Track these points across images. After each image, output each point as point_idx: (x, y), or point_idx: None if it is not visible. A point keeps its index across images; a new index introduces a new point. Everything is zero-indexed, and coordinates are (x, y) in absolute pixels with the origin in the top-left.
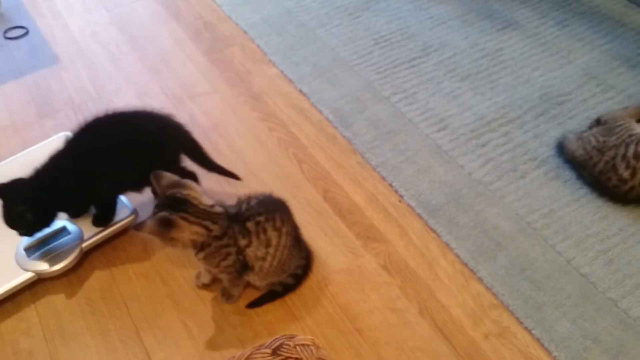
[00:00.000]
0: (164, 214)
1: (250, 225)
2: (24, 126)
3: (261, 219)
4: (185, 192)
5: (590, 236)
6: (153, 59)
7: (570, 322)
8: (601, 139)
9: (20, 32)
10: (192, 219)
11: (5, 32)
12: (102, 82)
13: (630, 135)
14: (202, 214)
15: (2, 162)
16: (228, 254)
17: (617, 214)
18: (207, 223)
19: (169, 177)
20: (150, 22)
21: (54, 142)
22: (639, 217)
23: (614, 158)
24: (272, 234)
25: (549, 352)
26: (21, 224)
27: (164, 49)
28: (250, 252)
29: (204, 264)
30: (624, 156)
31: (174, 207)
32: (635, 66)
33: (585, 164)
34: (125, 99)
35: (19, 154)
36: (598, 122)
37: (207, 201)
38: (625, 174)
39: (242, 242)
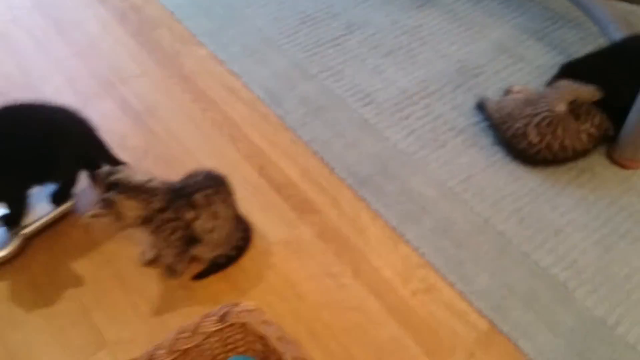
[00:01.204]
0: (102, 197)
1: (198, 197)
2: None
3: (210, 191)
4: (115, 176)
5: (504, 197)
6: (80, 43)
7: (488, 275)
8: (521, 108)
9: None
10: (127, 194)
11: None
12: (28, 69)
13: (548, 110)
14: (137, 189)
15: None
16: (175, 228)
17: (528, 177)
18: (144, 196)
19: (102, 172)
20: (74, 6)
21: None
22: (546, 178)
23: (527, 125)
24: (220, 206)
25: (470, 303)
26: None
27: (90, 33)
28: (197, 226)
29: (152, 240)
30: (538, 123)
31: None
32: (542, 38)
33: (499, 127)
34: (54, 85)
35: None
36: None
37: (142, 177)
38: (535, 139)
39: (189, 215)
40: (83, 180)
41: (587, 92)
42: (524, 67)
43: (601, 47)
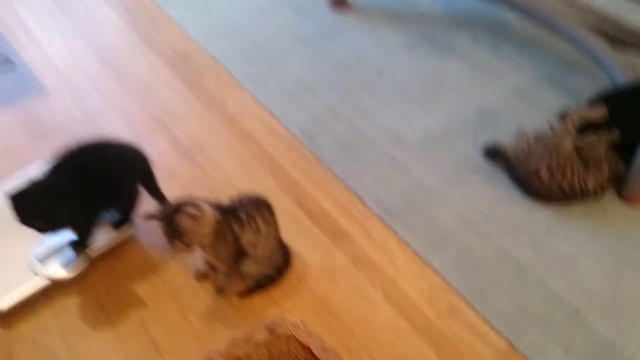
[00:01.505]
0: (188, 202)
1: (242, 215)
2: (19, 149)
3: (251, 211)
4: (184, 199)
5: (521, 229)
6: (134, 86)
7: (507, 299)
8: (532, 147)
9: (5, 64)
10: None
11: None
12: (89, 108)
13: (556, 149)
14: (209, 203)
15: (2, 182)
16: (228, 242)
17: (543, 211)
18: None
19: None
20: (128, 52)
21: None
22: (560, 213)
23: (539, 165)
24: (262, 224)
25: (490, 324)
26: (53, 218)
27: (144, 78)
28: (245, 238)
29: (205, 256)
30: (549, 164)
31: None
32: (555, 85)
33: (515, 166)
34: (113, 124)
35: (15, 174)
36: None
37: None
38: (546, 178)
39: (237, 229)
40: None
41: (593, 112)
42: (539, 111)
43: (615, 89)
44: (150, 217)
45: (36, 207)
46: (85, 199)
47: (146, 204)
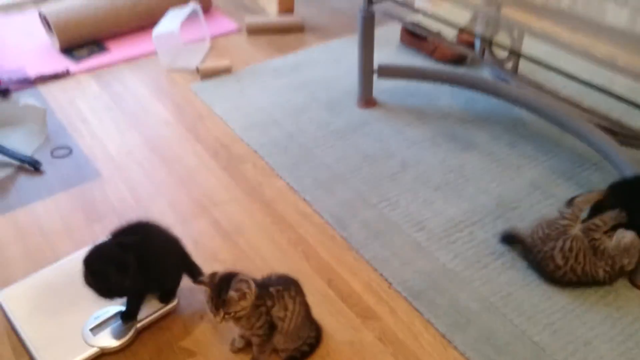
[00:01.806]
0: (237, 276)
1: (272, 290)
2: (75, 230)
3: (280, 287)
4: (232, 271)
5: (539, 312)
6: (180, 173)
7: None
8: (546, 231)
9: (65, 151)
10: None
11: (52, 151)
12: (139, 193)
13: (565, 232)
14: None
15: (60, 262)
16: (261, 314)
17: (559, 295)
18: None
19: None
20: (176, 143)
21: None
22: (576, 297)
23: (553, 249)
24: (289, 300)
25: None
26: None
27: (188, 165)
28: (274, 312)
29: (241, 327)
30: (561, 248)
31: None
32: (570, 178)
33: (531, 250)
34: (159, 207)
35: (73, 254)
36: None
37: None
38: (561, 262)
39: (269, 303)
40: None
41: (595, 194)
42: (555, 203)
43: (623, 179)
44: (202, 283)
45: (108, 272)
46: (145, 275)
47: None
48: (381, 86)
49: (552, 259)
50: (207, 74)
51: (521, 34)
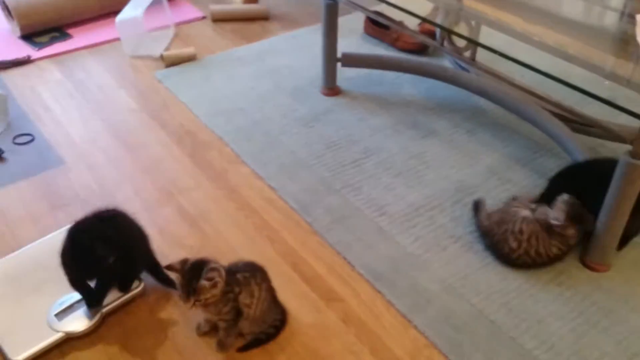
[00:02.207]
0: (209, 264)
1: (239, 276)
2: (38, 217)
3: (246, 274)
4: (191, 262)
5: (495, 292)
6: (145, 160)
7: (482, 355)
8: (501, 215)
9: (27, 138)
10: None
11: (14, 138)
12: (103, 180)
13: (514, 215)
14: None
15: (23, 249)
16: (228, 300)
17: (514, 276)
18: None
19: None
20: (140, 130)
21: None
22: (530, 277)
23: (505, 232)
24: (255, 287)
25: None
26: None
27: (153, 152)
28: (241, 299)
29: (209, 313)
30: (512, 231)
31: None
32: (526, 165)
33: (488, 233)
34: (124, 194)
35: (36, 241)
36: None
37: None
38: (514, 245)
39: (236, 290)
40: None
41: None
42: (511, 188)
43: (572, 165)
44: (173, 269)
45: (94, 246)
46: (108, 266)
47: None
48: (345, 75)
49: (505, 242)
50: (171, 62)
51: (479, 24)
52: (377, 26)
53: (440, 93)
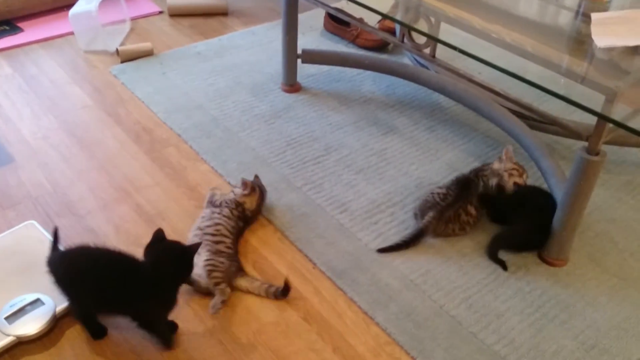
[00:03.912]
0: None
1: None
2: None
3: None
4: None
5: (455, 288)
6: (100, 158)
7: (443, 351)
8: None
9: None
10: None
11: None
12: (56, 179)
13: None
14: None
15: None
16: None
17: (474, 271)
18: None
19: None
20: (95, 127)
21: (21, 229)
22: (490, 273)
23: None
24: None
25: None
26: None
27: (109, 150)
28: None
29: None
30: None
31: None
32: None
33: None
34: (78, 192)
35: None
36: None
37: None
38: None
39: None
40: None
41: None
42: None
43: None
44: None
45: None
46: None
47: None
48: (305, 71)
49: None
50: (127, 57)
51: (438, 21)
52: (337, 23)
53: (400, 90)
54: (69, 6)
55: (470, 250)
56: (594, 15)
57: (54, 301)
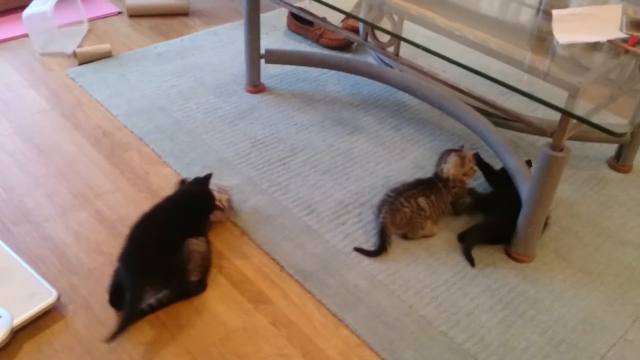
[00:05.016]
0: None
1: None
2: None
3: None
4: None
5: (424, 287)
6: (58, 164)
7: (413, 351)
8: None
9: None
10: None
11: None
12: (11, 185)
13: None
14: None
15: None
16: None
17: (443, 270)
18: None
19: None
20: (52, 132)
21: None
22: (458, 271)
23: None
24: None
25: None
26: None
27: (67, 155)
28: None
29: None
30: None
31: None
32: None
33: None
34: (35, 200)
35: None
36: None
37: None
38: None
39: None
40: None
41: None
42: None
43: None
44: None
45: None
46: None
47: None
48: (269, 72)
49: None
50: (85, 59)
51: (402, 19)
52: (301, 22)
53: (365, 89)
54: (23, 7)
55: (438, 249)
56: (555, 12)
57: (11, 314)
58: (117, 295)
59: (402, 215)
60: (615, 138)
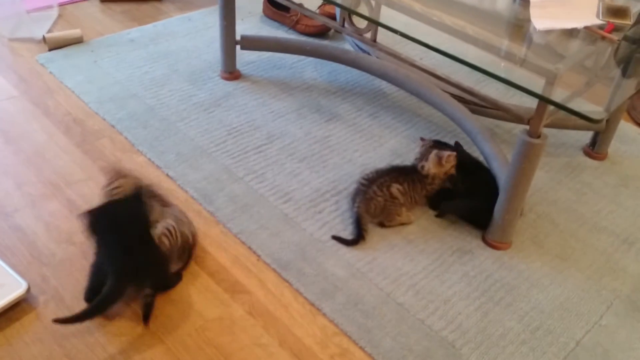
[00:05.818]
0: None
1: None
2: None
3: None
4: None
5: (402, 275)
6: (27, 152)
7: (391, 339)
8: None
9: None
10: None
11: None
12: None
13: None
14: None
15: None
16: None
17: (420, 257)
18: None
19: None
20: (21, 119)
21: None
22: (436, 259)
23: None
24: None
25: None
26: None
27: (37, 143)
28: None
29: None
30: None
31: None
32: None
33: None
34: (4, 189)
35: None
36: None
37: None
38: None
39: None
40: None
41: None
42: None
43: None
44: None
45: None
46: None
47: None
48: (245, 58)
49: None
50: (55, 44)
51: (379, 4)
52: (277, 8)
53: (342, 76)
54: None
55: (415, 236)
56: None
57: None
58: (94, 295)
59: (375, 204)
60: (591, 124)
